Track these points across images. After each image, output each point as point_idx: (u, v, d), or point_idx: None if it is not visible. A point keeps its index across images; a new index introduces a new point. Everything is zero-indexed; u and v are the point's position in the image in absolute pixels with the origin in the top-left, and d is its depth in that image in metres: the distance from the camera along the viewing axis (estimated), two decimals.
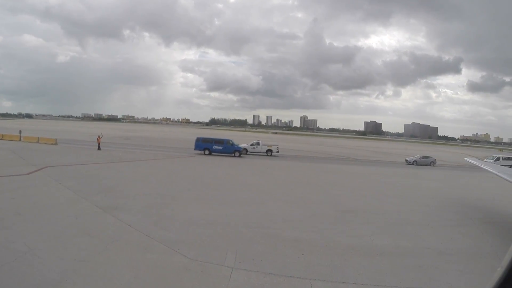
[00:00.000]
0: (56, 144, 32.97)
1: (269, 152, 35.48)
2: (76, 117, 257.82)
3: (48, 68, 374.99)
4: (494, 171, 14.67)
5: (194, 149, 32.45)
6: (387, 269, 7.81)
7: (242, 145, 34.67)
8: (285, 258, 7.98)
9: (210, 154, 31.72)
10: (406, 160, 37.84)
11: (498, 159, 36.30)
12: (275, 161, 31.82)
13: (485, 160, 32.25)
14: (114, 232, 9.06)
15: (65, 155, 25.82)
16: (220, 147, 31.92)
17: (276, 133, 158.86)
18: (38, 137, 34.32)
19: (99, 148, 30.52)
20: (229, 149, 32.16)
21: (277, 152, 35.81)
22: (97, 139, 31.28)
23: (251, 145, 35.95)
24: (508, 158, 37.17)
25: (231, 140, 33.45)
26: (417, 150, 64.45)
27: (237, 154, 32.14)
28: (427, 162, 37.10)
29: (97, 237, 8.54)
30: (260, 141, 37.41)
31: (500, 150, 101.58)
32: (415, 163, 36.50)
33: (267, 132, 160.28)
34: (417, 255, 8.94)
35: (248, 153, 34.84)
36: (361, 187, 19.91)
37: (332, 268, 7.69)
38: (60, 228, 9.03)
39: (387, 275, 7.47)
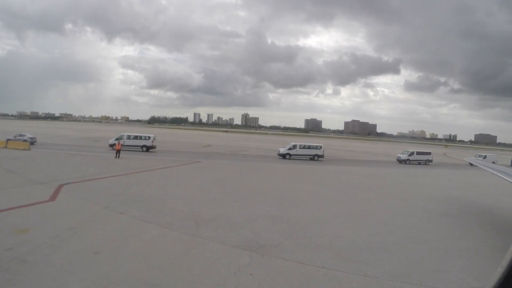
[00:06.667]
0: (29, 149, 24.64)
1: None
2: (12, 116, 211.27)
3: None
4: (494, 171, 14.21)
5: None
6: None
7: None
8: (488, 269, 6.91)
9: None
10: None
11: (485, 157, 39.38)
12: (265, 163, 28.86)
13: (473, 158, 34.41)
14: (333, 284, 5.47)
15: (59, 165, 18.92)
16: None
17: (226, 131, 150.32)
18: (6, 141, 25.33)
19: (117, 156, 23.47)
20: None
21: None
22: (117, 146, 24.26)
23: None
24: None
25: None
26: (373, 147, 67.69)
27: None
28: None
29: None
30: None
31: (446, 147, 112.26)
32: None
33: (215, 130, 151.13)
34: None
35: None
36: (408, 190, 18.54)
37: None
38: None
39: None
